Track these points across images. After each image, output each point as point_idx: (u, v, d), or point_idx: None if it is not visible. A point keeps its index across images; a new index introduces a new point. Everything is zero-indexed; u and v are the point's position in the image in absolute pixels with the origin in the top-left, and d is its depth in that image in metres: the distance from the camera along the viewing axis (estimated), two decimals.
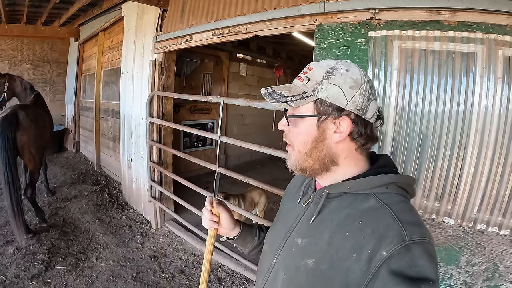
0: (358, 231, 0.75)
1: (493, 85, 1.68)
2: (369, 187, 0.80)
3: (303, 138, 0.85)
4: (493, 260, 1.76)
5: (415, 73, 1.84)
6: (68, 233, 3.82)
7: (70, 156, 7.76)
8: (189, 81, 7.58)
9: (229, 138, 2.82)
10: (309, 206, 0.91)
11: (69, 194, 5.11)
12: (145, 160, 4.06)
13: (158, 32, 3.75)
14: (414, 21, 1.84)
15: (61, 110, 8.71)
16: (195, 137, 6.44)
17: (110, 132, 6.02)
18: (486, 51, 1.68)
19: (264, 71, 8.32)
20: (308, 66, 0.86)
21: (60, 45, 8.41)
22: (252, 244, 1.23)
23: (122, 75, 4.77)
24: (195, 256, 3.57)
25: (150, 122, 3.80)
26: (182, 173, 3.75)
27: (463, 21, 1.72)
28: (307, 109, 0.83)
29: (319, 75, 0.81)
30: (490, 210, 1.74)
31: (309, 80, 0.82)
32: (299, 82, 0.84)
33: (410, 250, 0.68)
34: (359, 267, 0.72)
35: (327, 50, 2.12)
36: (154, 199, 4.02)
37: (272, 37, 2.72)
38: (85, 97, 7.54)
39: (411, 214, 0.77)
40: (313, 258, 0.81)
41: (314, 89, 0.80)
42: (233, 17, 2.74)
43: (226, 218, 1.13)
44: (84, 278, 3.02)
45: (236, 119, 7.52)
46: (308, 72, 0.84)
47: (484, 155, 1.72)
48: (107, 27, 5.91)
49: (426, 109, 1.82)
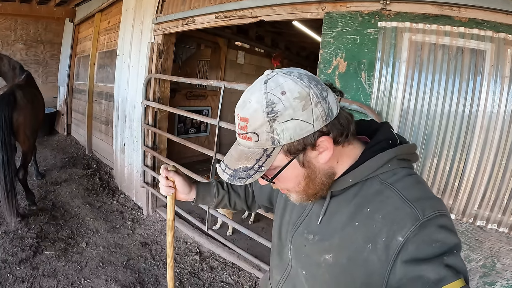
0: (367, 219, 0.72)
1: (500, 83, 1.69)
2: (371, 171, 0.76)
3: (293, 182, 0.78)
4: (490, 257, 1.79)
5: (423, 66, 1.83)
6: (57, 218, 3.76)
7: (61, 139, 7.62)
8: (185, 67, 7.49)
9: (228, 124, 2.78)
10: (315, 203, 0.87)
11: (59, 177, 5.03)
12: (138, 145, 4.00)
13: (158, 14, 3.66)
14: (425, 14, 1.83)
15: (53, 92, 8.54)
16: (189, 123, 6.39)
17: (103, 116, 5.91)
18: (495, 50, 1.70)
19: (262, 60, 8.27)
20: (240, 116, 0.72)
21: (55, 26, 8.22)
22: (213, 201, 1.24)
23: (118, 57, 4.67)
24: (187, 244, 3.54)
25: (146, 106, 3.73)
26: (176, 159, 3.68)
27: (474, 18, 1.73)
28: (280, 160, 0.73)
29: (262, 123, 0.68)
30: (491, 207, 1.77)
31: (258, 136, 0.70)
32: (248, 142, 0.72)
33: (426, 227, 0.65)
34: (377, 257, 0.69)
35: (335, 38, 2.08)
36: (146, 185, 3.97)
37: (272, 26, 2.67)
38: (79, 80, 7.39)
39: (418, 188, 0.73)
40: (331, 253, 0.79)
41: (273, 141, 0.69)
42: (238, 0, 2.67)
43: (180, 182, 1.13)
44: (73, 264, 2.97)
45: (230, 107, 7.19)
46: (247, 125, 0.71)
47: (488, 152, 1.74)
48: (104, 8, 5.79)
49: (433, 103, 1.82)
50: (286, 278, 0.95)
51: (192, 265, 3.19)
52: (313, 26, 5.50)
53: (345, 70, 2.05)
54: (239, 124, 0.73)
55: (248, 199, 1.30)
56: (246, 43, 7.50)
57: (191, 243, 3.56)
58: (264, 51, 8.25)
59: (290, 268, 0.93)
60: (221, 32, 6.22)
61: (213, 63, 7.13)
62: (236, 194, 1.28)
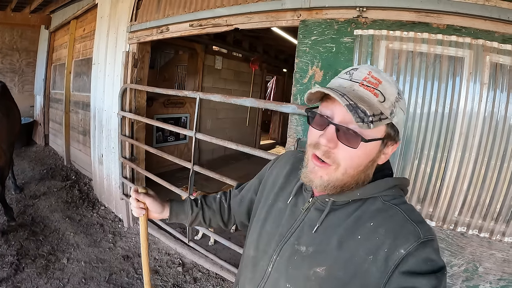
0: (371, 232, 0.75)
1: (479, 90, 1.68)
2: (377, 191, 0.81)
3: (359, 161, 0.77)
4: (472, 262, 1.82)
5: (401, 74, 1.81)
6: (37, 233, 3.62)
7: (38, 150, 7.41)
8: (163, 73, 7.43)
9: (204, 135, 2.70)
10: (309, 212, 0.88)
11: (37, 190, 4.87)
12: (116, 156, 3.88)
13: (133, 22, 3.55)
14: (402, 21, 1.81)
15: (30, 101, 8.31)
16: (168, 131, 6.31)
17: (81, 126, 5.76)
18: (474, 56, 1.69)
19: (240, 65, 8.26)
20: (372, 74, 0.75)
21: (31, 33, 8.01)
22: (188, 219, 1.24)
23: (93, 66, 4.53)
24: (169, 256, 3.47)
25: (122, 116, 3.62)
26: (154, 168, 3.61)
27: (452, 24, 1.72)
28: (378, 131, 0.75)
29: (393, 95, 0.75)
30: (471, 213, 1.79)
31: (385, 99, 0.74)
32: (373, 96, 0.73)
33: (426, 247, 0.70)
34: (376, 268, 0.72)
35: (311, 47, 2.03)
36: (126, 196, 3.86)
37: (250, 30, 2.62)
38: (55, 88, 7.19)
39: (417, 214, 0.79)
40: (323, 266, 0.79)
41: (391, 112, 0.74)
42: (213, 8, 2.60)
43: (151, 203, 1.14)
44: (55, 281, 2.87)
45: (210, 113, 7.45)
46: (379, 85, 0.74)
47: (467, 160, 1.75)
48: (80, 15, 5.63)
49: (411, 112, 1.80)
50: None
51: (175, 277, 3.14)
52: (290, 30, 5.50)
53: (322, 79, 2.01)
54: (367, 78, 0.75)
55: (224, 215, 1.28)
56: (223, 48, 7.48)
57: (173, 254, 3.49)
58: (242, 56, 8.25)
59: (265, 282, 0.90)
60: (198, 38, 6.17)
61: (191, 68, 7.07)
62: (211, 210, 1.27)
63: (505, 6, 1.62)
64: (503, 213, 1.74)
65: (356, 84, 0.75)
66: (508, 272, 1.78)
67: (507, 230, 1.75)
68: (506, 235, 1.76)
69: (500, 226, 1.76)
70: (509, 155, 1.67)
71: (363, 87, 0.74)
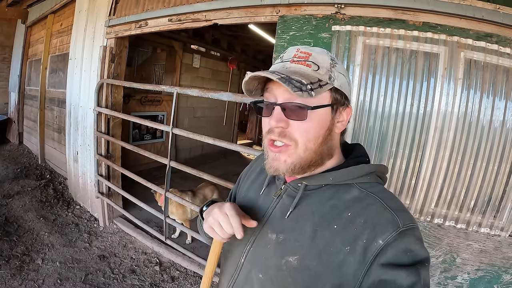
0: (348, 222, 0.73)
1: (453, 85, 1.75)
2: (351, 177, 0.79)
3: (315, 132, 0.77)
4: (450, 253, 1.87)
5: (377, 69, 1.85)
6: (10, 233, 3.50)
7: (12, 148, 7.18)
8: (140, 71, 7.31)
9: (181, 130, 2.67)
10: (281, 198, 0.86)
11: (11, 190, 4.70)
12: (92, 153, 3.79)
13: (111, 16, 3.48)
14: (379, 18, 1.85)
15: (4, 98, 8.08)
16: (144, 129, 6.23)
17: (56, 123, 5.60)
18: (449, 53, 1.75)
19: (218, 64, 8.25)
20: (301, 50, 0.78)
21: (6, 28, 7.72)
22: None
23: (70, 61, 4.41)
24: (146, 255, 3.42)
25: (98, 112, 3.54)
26: (131, 166, 3.53)
27: (428, 22, 1.78)
28: (323, 98, 0.76)
29: (326, 62, 0.76)
30: (447, 205, 1.84)
31: (319, 68, 0.75)
32: (306, 67, 0.75)
33: (405, 236, 0.68)
34: (353, 258, 0.70)
35: (289, 42, 2.04)
36: (101, 195, 3.78)
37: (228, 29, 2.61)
38: (30, 85, 6.98)
39: (397, 201, 0.77)
40: (296, 255, 0.76)
41: (330, 77, 0.75)
42: (192, 3, 2.58)
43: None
44: (30, 282, 2.79)
45: (187, 112, 7.40)
46: (310, 57, 0.76)
47: (442, 153, 1.80)
48: (57, 9, 5.49)
49: (387, 106, 1.84)
50: (233, 284, 0.88)
51: (152, 276, 3.09)
52: (269, 29, 5.55)
53: None
54: (296, 54, 0.77)
55: None
56: (202, 46, 7.45)
57: (150, 253, 3.45)
58: (220, 55, 8.24)
59: (238, 273, 0.87)
60: (176, 35, 6.13)
61: (168, 67, 7.01)
62: None
63: (479, 5, 1.68)
64: (479, 204, 1.79)
65: (287, 62, 0.77)
66: (485, 262, 1.82)
67: (483, 221, 1.80)
68: (482, 226, 1.81)
69: (476, 217, 1.81)
70: (483, 147, 1.73)
71: (294, 63, 0.76)
